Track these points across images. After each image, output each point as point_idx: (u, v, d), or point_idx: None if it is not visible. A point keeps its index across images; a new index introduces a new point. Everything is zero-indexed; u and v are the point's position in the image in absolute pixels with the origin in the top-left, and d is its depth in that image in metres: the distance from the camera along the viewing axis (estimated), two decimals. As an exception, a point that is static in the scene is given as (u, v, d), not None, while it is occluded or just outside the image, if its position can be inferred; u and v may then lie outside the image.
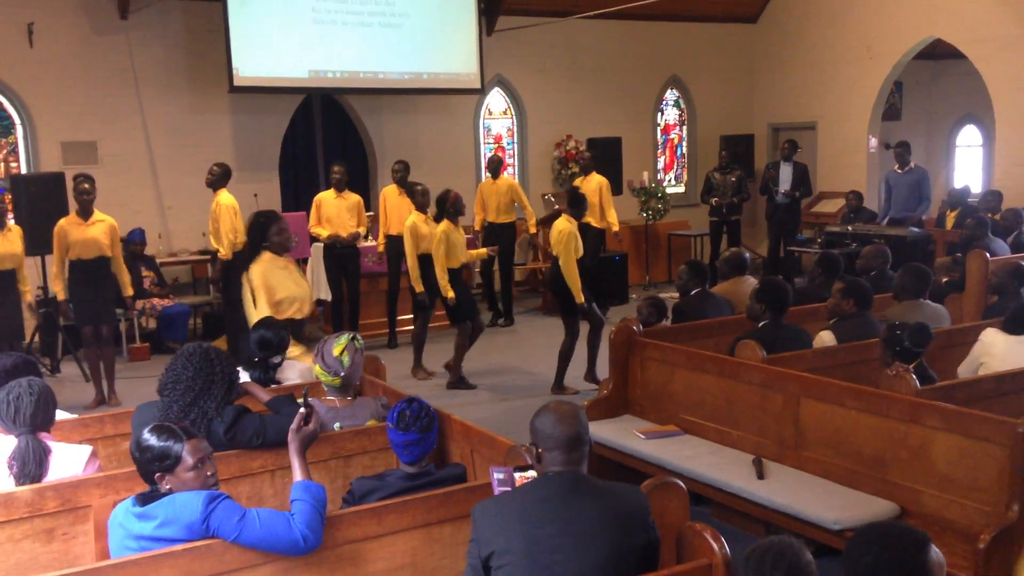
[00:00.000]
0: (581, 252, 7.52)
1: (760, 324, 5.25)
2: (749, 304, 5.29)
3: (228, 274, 8.29)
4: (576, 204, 7.64)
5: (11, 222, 7.72)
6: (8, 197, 9.37)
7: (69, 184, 8.77)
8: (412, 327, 9.64)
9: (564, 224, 7.49)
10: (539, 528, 2.60)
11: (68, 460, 3.36)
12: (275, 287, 5.59)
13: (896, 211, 10.79)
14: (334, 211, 9.19)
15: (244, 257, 5.98)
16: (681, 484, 3.06)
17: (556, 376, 7.68)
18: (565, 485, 2.67)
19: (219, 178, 8.49)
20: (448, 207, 7.71)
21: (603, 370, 7.56)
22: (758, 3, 14.27)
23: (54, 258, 7.46)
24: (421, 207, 8.11)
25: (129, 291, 7.78)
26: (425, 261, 7.90)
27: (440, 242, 7.62)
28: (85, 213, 7.40)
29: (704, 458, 4.78)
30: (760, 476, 4.52)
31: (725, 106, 14.36)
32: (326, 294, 9.45)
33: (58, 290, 7.49)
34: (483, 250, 8.77)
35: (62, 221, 7.43)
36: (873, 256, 6.79)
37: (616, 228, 10.47)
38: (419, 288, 7.98)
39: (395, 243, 9.37)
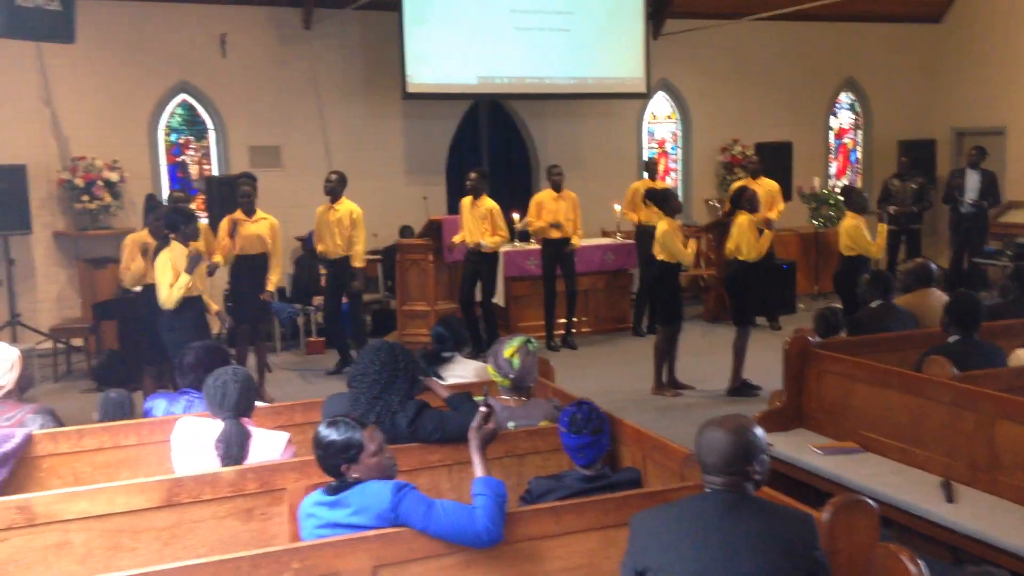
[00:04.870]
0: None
1: (950, 339, 4.97)
2: (943, 318, 5.01)
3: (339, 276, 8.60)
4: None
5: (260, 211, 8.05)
6: (202, 197, 10.06)
7: (259, 185, 9.25)
8: (574, 329, 9.74)
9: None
10: (695, 547, 2.56)
11: (267, 445, 3.57)
12: None
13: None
14: (467, 218, 9.12)
15: None
16: (871, 503, 2.93)
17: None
18: (726, 504, 2.61)
19: (338, 184, 8.51)
20: (743, 202, 7.75)
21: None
22: (942, 2, 13.53)
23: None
24: (673, 212, 8.00)
25: (269, 287, 7.92)
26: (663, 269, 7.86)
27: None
28: (248, 212, 7.86)
29: (887, 478, 4.57)
30: (949, 499, 4.28)
31: (904, 110, 13.70)
32: (498, 297, 9.64)
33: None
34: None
35: (227, 217, 7.89)
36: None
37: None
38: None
39: (552, 245, 9.40)
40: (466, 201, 9.12)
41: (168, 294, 6.30)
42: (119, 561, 3.26)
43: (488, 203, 8.98)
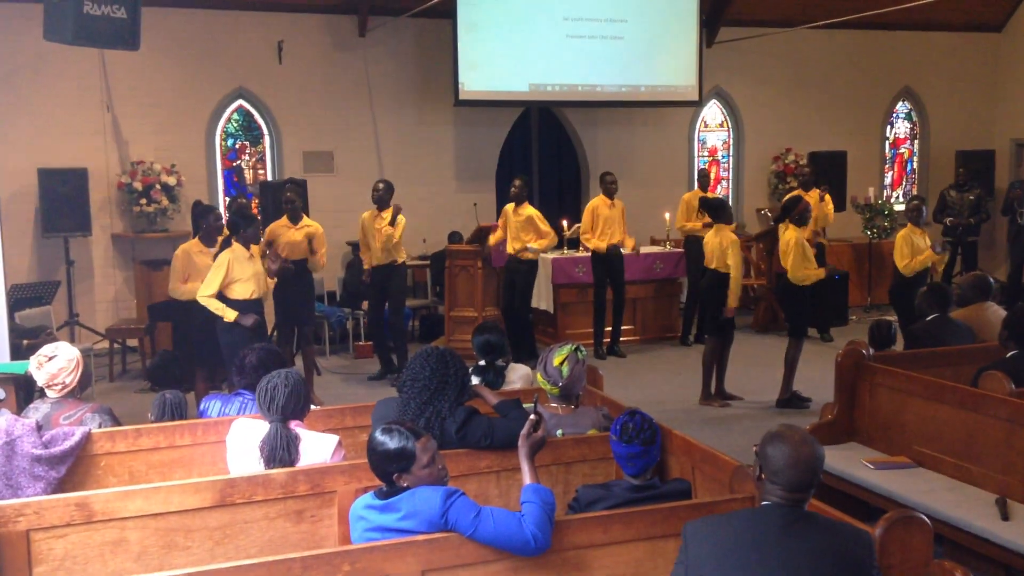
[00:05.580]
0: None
1: (1008, 354, 4.86)
2: (1001, 332, 4.92)
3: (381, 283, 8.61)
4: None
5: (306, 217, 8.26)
6: (256, 202, 10.23)
7: (311, 190, 9.45)
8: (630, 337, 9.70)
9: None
10: (753, 560, 2.52)
11: (318, 447, 3.61)
12: None
13: None
14: (511, 225, 9.10)
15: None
16: (925, 519, 2.88)
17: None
18: (785, 519, 2.56)
19: (386, 193, 8.56)
20: (795, 215, 7.64)
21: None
22: (1003, 11, 13.26)
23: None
24: (729, 221, 7.94)
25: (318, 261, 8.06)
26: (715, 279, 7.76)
27: (799, 244, 7.48)
28: (294, 218, 8.01)
29: (940, 494, 4.49)
30: (1005, 517, 4.19)
31: (962, 120, 13.44)
32: (547, 304, 9.62)
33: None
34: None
35: (272, 224, 8.08)
36: None
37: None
38: (734, 304, 7.65)
39: (604, 256, 9.38)
40: (509, 208, 9.17)
41: (201, 292, 6.39)
42: (173, 559, 3.33)
43: (528, 210, 9.04)
